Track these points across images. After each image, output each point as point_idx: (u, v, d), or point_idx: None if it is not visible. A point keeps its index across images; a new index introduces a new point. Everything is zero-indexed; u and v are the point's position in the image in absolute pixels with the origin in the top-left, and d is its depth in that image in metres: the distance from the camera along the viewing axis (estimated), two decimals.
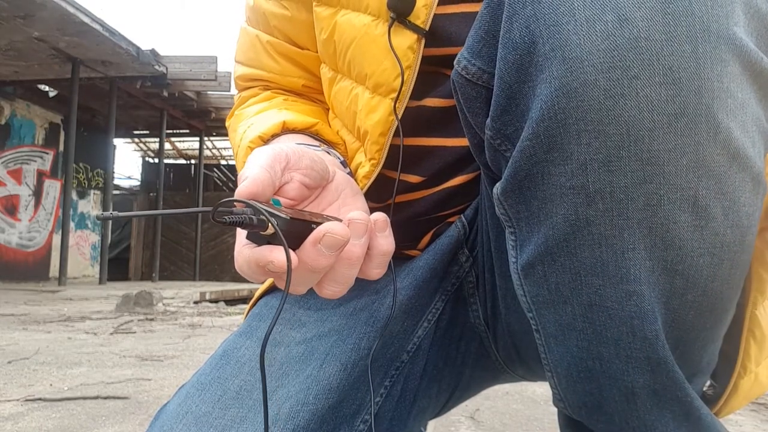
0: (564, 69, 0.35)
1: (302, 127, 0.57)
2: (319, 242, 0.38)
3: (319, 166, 0.45)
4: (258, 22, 0.68)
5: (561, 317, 0.41)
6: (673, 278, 0.37)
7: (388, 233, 0.43)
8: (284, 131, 0.56)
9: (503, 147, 0.41)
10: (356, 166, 0.59)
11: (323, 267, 0.39)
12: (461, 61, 0.43)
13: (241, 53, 0.71)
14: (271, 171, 0.40)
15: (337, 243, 0.38)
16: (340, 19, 0.58)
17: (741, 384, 0.46)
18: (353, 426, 0.52)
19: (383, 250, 0.43)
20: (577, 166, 0.36)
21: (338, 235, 0.38)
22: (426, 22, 0.52)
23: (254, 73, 0.69)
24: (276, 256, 0.36)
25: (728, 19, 0.34)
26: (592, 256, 0.37)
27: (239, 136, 0.60)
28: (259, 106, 0.65)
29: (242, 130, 0.60)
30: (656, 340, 0.38)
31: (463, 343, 0.61)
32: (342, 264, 0.40)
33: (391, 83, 0.54)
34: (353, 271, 0.41)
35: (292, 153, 0.43)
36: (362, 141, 0.58)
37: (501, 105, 0.40)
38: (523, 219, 0.40)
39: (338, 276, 0.41)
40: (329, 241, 0.38)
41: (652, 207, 0.35)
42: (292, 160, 0.43)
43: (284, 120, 0.56)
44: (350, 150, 0.61)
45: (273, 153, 0.42)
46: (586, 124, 0.35)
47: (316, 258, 0.38)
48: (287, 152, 0.43)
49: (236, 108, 0.70)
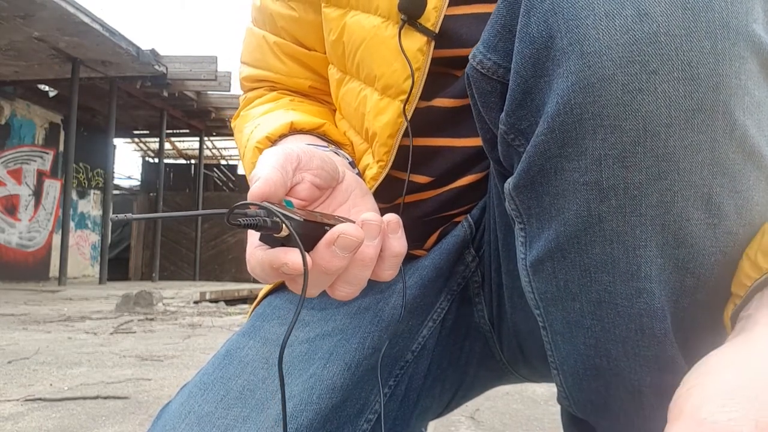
0: (582, 63, 0.34)
1: (310, 128, 0.57)
2: (334, 244, 0.37)
3: (329, 167, 0.45)
4: (265, 22, 0.68)
5: (569, 314, 0.40)
6: (684, 276, 0.37)
7: (400, 234, 0.43)
8: (292, 132, 0.56)
9: (517, 142, 0.41)
10: (364, 168, 0.59)
11: (337, 268, 0.38)
12: (477, 56, 0.43)
13: (247, 54, 0.71)
14: (283, 171, 0.40)
15: (352, 244, 0.38)
16: (350, 20, 0.58)
17: None
18: (357, 425, 0.52)
19: (396, 252, 0.43)
20: (592, 161, 0.35)
21: (352, 236, 0.38)
22: (436, 25, 0.52)
23: (261, 74, 0.69)
24: (291, 258, 0.36)
25: (748, 15, 0.34)
26: (603, 253, 0.37)
27: (246, 137, 0.59)
28: (265, 107, 0.65)
29: (249, 131, 0.59)
30: (665, 339, 0.38)
31: (468, 343, 0.61)
32: (356, 265, 0.40)
33: (400, 85, 0.54)
34: (367, 273, 0.41)
35: (302, 153, 0.43)
36: (370, 143, 0.58)
37: (516, 99, 0.39)
38: (534, 215, 0.40)
39: (351, 277, 0.41)
40: (343, 243, 0.38)
41: (665, 204, 0.35)
42: (303, 160, 0.43)
43: (292, 120, 0.56)
44: (358, 152, 0.61)
45: (284, 153, 0.42)
46: (602, 119, 0.34)
47: (330, 260, 0.38)
48: (298, 153, 0.43)
49: (242, 109, 0.70)
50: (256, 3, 0.69)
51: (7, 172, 9.57)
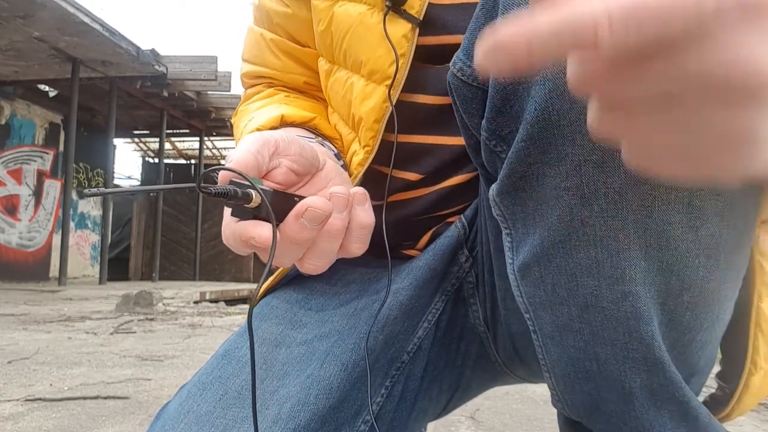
0: (557, 70, 0.35)
1: (300, 121, 0.59)
2: (302, 216, 0.38)
3: (308, 153, 0.46)
4: (263, 20, 0.70)
5: (558, 318, 0.41)
6: (668, 279, 0.37)
7: (367, 206, 0.44)
8: (282, 124, 0.58)
9: (498, 148, 0.41)
10: (351, 155, 0.60)
11: (305, 240, 0.40)
12: (457, 63, 0.44)
13: (247, 51, 0.73)
14: (258, 155, 0.41)
15: (320, 217, 0.39)
16: (338, 9, 0.59)
17: (752, 382, 0.46)
18: (355, 426, 0.52)
19: (363, 223, 0.44)
20: (572, 167, 0.36)
21: (320, 209, 0.39)
22: (420, 12, 0.53)
23: (258, 70, 0.71)
24: (258, 232, 0.37)
25: None
26: (588, 257, 0.38)
27: (240, 130, 0.61)
28: (261, 102, 0.67)
29: (243, 125, 0.62)
30: (652, 341, 0.38)
31: (464, 343, 0.61)
32: (323, 238, 0.41)
33: (385, 70, 0.55)
34: (335, 245, 0.42)
35: (281, 139, 0.44)
36: (356, 129, 0.59)
37: (496, 106, 0.40)
38: (519, 220, 0.41)
39: (319, 250, 0.42)
40: (311, 215, 0.39)
41: (646, 208, 0.36)
42: (281, 146, 0.44)
43: (282, 114, 0.58)
44: (346, 142, 0.62)
45: (262, 138, 0.43)
46: (580, 125, 0.35)
47: (299, 231, 0.39)
48: (276, 138, 0.44)
49: (241, 104, 0.72)
50: (255, 1, 0.71)
51: (7, 172, 9.57)
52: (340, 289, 0.61)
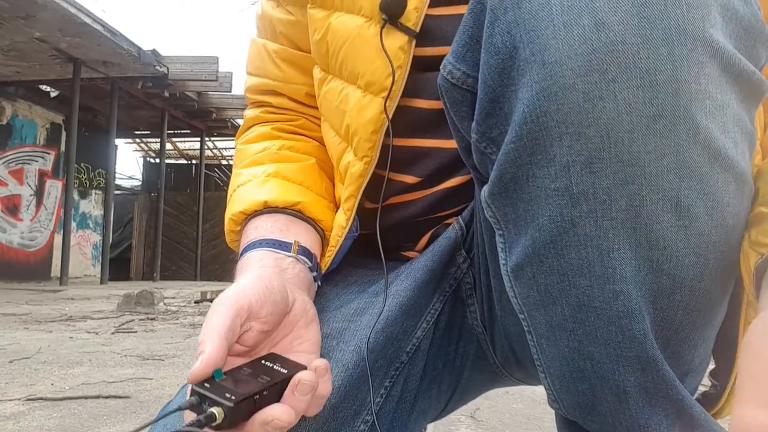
0: (544, 73, 0.35)
1: (284, 206, 0.59)
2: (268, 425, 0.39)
3: (279, 309, 0.47)
4: (266, 30, 0.70)
5: (551, 318, 0.41)
6: (659, 278, 0.38)
7: (327, 378, 0.44)
8: (266, 209, 0.59)
9: (489, 150, 0.42)
10: (345, 167, 0.60)
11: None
12: (446, 66, 0.44)
13: (250, 63, 0.73)
14: (229, 336, 0.42)
15: (283, 426, 0.40)
16: (334, 20, 0.59)
17: None
18: (354, 426, 0.52)
19: (323, 394, 0.44)
20: (560, 168, 0.37)
21: (283, 421, 0.40)
22: (417, 24, 0.54)
23: (261, 82, 0.71)
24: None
25: (704, 21, 0.35)
26: (579, 257, 0.38)
27: (232, 188, 0.64)
28: (256, 147, 0.67)
29: (234, 185, 0.64)
30: (645, 339, 0.39)
31: (462, 344, 0.61)
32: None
33: (382, 82, 0.55)
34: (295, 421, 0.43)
35: (255, 301, 0.45)
36: (349, 141, 0.59)
37: (485, 109, 0.40)
38: (511, 221, 0.41)
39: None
40: (276, 425, 0.39)
41: (635, 207, 0.36)
42: (254, 309, 0.45)
43: (266, 200, 0.59)
44: (337, 152, 0.62)
45: (236, 308, 0.44)
46: (567, 126, 0.35)
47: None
48: (251, 302, 0.45)
49: (242, 132, 0.73)
50: (258, 12, 0.72)
51: (8, 172, 9.58)
52: (341, 291, 0.61)
